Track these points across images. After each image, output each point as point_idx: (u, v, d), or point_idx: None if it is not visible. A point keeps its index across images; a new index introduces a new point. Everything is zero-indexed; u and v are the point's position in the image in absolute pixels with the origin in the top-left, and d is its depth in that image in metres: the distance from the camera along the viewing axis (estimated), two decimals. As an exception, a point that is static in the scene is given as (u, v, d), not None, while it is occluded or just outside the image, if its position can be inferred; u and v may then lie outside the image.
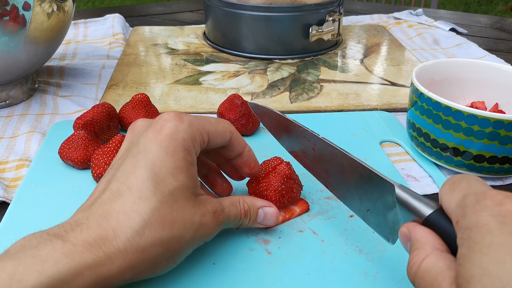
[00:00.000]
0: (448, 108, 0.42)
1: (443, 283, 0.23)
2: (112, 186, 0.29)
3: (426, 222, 0.26)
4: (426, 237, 0.26)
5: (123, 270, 0.27)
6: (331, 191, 0.36)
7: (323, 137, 0.35)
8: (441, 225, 0.25)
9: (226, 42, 0.76)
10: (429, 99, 0.44)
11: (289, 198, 0.38)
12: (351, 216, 0.39)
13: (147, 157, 0.29)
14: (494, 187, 0.45)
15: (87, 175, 0.43)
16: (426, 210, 0.27)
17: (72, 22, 0.87)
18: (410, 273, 0.25)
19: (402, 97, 0.61)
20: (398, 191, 0.29)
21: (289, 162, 0.39)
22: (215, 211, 0.32)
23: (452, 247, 0.25)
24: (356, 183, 0.32)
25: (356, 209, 0.33)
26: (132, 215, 0.27)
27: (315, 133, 0.36)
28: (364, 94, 0.62)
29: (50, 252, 0.24)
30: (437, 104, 0.43)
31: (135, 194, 0.28)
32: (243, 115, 0.49)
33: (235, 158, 0.36)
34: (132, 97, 0.50)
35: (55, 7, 0.54)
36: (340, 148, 0.34)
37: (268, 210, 0.36)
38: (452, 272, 0.23)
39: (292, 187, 0.38)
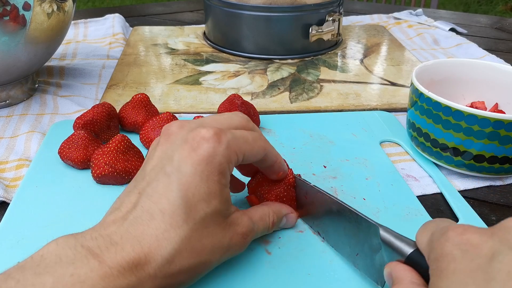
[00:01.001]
0: (448, 108, 0.42)
1: None
2: (144, 203, 0.29)
3: (408, 260, 0.28)
4: (404, 273, 0.27)
5: None
6: (324, 238, 0.36)
7: (313, 185, 0.37)
8: (421, 262, 0.27)
9: (226, 42, 0.76)
10: (429, 99, 0.44)
11: (290, 206, 0.38)
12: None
13: (181, 180, 0.28)
14: (494, 187, 0.45)
15: (87, 175, 0.43)
16: (408, 250, 0.28)
17: (72, 22, 0.87)
18: None
19: (402, 97, 0.61)
20: (382, 232, 0.30)
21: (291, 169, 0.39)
22: (244, 233, 0.32)
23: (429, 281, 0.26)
24: (345, 228, 0.34)
25: (347, 255, 0.34)
26: (164, 243, 0.27)
27: (307, 181, 0.37)
28: (364, 94, 0.62)
29: (88, 273, 0.25)
30: (437, 104, 0.43)
31: (167, 220, 0.28)
32: (243, 115, 0.49)
33: (265, 167, 0.36)
34: (132, 97, 0.50)
35: (55, 7, 0.54)
36: (329, 194, 0.35)
37: (291, 217, 0.37)
38: None
39: (294, 195, 0.38)
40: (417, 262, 0.27)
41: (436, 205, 0.42)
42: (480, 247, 0.23)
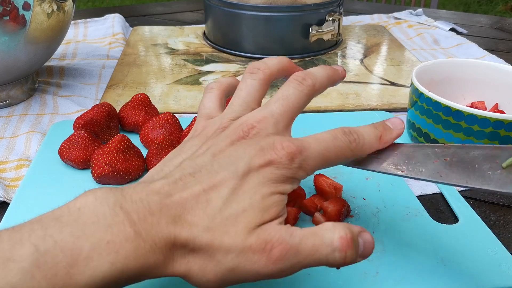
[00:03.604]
0: (448, 108, 0.42)
1: None
2: (194, 187, 0.27)
3: None
4: None
5: (167, 275, 0.26)
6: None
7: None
8: None
9: (226, 42, 0.76)
10: (429, 99, 0.44)
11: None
12: (351, 216, 0.39)
13: (236, 184, 0.27)
14: (494, 187, 0.45)
15: (87, 175, 0.43)
16: None
17: (72, 22, 0.87)
18: None
19: (402, 97, 0.61)
20: None
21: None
22: (267, 241, 0.25)
23: None
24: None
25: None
26: (194, 230, 0.26)
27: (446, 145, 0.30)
28: (364, 94, 0.62)
29: (123, 243, 0.24)
30: (437, 104, 0.43)
31: (208, 211, 0.26)
32: (243, 115, 0.49)
33: None
34: (132, 97, 0.50)
35: (55, 7, 0.54)
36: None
37: (367, 238, 0.27)
38: None
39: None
40: None
41: (436, 205, 0.42)
42: None
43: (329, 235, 0.26)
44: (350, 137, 0.29)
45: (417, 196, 0.43)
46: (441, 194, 0.44)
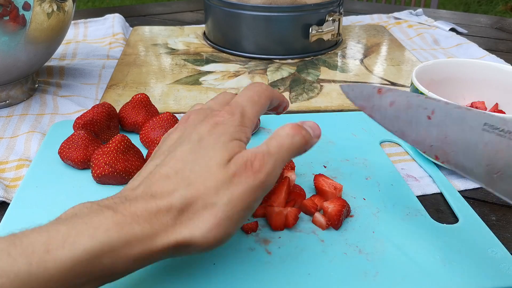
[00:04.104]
0: (448, 108, 0.42)
1: None
2: (161, 169, 0.29)
3: None
4: None
5: (161, 248, 0.27)
6: (444, 161, 0.30)
7: (446, 101, 0.30)
8: None
9: (226, 42, 0.76)
10: (429, 99, 0.44)
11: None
12: (351, 216, 0.39)
13: (201, 144, 0.30)
14: (494, 187, 0.45)
15: (87, 175, 0.43)
16: None
17: (72, 22, 0.87)
18: None
19: (402, 97, 0.61)
20: None
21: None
22: (245, 161, 0.29)
23: None
24: (486, 141, 0.28)
25: (478, 176, 0.28)
26: (175, 193, 0.27)
27: (434, 99, 0.31)
28: (364, 94, 0.62)
29: (102, 220, 0.25)
30: (437, 104, 0.43)
31: (179, 177, 0.28)
32: (243, 115, 0.49)
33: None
34: (132, 97, 0.50)
35: (55, 7, 0.54)
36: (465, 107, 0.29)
37: (310, 124, 0.33)
38: None
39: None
40: None
41: (436, 205, 0.42)
42: None
43: (283, 131, 0.30)
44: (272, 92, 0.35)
45: (417, 196, 0.43)
46: (441, 194, 0.44)
